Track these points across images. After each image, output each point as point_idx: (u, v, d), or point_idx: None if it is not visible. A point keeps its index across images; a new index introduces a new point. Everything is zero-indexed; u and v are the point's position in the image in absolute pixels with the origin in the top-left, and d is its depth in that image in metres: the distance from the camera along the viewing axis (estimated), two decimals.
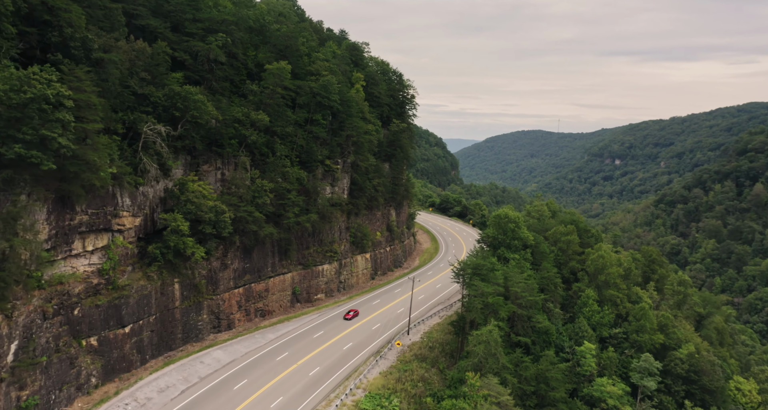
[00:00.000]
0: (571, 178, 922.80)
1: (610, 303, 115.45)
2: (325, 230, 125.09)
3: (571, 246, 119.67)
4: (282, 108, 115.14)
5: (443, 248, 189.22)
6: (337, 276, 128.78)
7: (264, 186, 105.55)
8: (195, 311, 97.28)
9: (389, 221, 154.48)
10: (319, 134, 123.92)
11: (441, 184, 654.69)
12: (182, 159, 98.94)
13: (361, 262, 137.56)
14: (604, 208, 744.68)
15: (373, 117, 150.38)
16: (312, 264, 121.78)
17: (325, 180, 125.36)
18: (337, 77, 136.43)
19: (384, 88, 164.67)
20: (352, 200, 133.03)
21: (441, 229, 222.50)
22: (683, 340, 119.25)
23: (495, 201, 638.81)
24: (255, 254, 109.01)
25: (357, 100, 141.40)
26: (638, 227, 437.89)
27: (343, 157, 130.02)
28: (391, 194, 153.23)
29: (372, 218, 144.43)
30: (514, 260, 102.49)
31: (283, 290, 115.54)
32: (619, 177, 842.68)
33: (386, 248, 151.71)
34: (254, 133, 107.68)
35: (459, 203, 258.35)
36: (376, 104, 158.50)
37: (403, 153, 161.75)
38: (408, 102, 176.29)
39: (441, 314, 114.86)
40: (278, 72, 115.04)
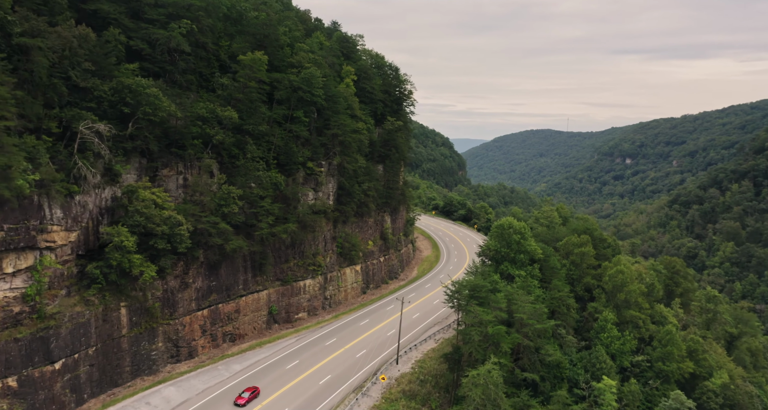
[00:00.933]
0: (581, 177, 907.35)
1: (631, 326, 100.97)
2: (307, 241, 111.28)
3: (586, 259, 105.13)
4: (255, 104, 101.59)
5: (444, 256, 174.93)
6: (322, 292, 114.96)
7: (231, 193, 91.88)
8: (147, 339, 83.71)
9: (383, 228, 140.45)
10: (300, 133, 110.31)
11: (448, 184, 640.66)
12: (135, 163, 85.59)
13: (349, 275, 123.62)
14: (615, 208, 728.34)
15: (364, 114, 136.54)
16: (292, 280, 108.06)
17: (307, 185, 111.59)
18: (323, 70, 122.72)
19: (378, 84, 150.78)
20: (339, 207, 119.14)
21: (443, 234, 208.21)
22: (715, 367, 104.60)
23: (503, 202, 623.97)
24: (223, 271, 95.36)
25: (345, 96, 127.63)
26: (652, 228, 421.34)
27: (328, 158, 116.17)
28: (385, 199, 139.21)
29: (363, 225, 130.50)
30: (519, 278, 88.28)
31: (257, 311, 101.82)
32: (630, 176, 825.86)
33: (380, 259, 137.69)
34: (221, 132, 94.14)
35: (463, 206, 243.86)
36: (369, 100, 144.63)
37: (399, 154, 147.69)
38: (405, 98, 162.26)
39: (437, 337, 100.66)
40: (252, 63, 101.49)
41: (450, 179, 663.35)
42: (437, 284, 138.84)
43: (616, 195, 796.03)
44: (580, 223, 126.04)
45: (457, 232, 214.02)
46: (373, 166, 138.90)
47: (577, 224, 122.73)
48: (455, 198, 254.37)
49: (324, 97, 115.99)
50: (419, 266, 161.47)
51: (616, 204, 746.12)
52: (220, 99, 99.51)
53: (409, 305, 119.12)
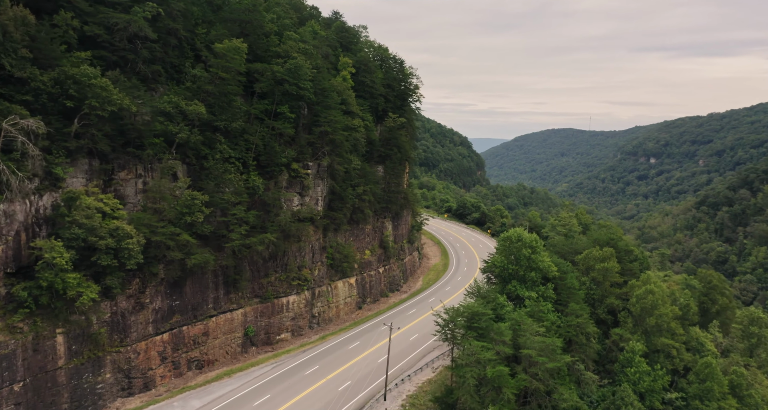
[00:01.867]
0: (603, 177, 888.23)
1: (663, 355, 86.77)
2: (291, 252, 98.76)
3: (609, 277, 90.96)
4: (229, 97, 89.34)
5: (453, 264, 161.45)
6: (309, 310, 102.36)
7: (196, 198, 79.63)
8: (92, 370, 71.80)
9: (383, 236, 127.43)
10: (284, 131, 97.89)
11: (466, 185, 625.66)
12: (83, 165, 73.91)
13: (342, 289, 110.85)
14: (639, 209, 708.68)
15: (362, 110, 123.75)
16: (272, 296, 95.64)
17: (292, 189, 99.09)
18: (314, 61, 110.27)
19: (379, 77, 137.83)
20: (330, 213, 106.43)
21: (454, 240, 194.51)
22: (763, 406, 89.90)
23: (523, 203, 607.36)
24: (188, 288, 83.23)
25: (340, 89, 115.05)
26: (678, 231, 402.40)
27: (317, 159, 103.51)
28: (384, 204, 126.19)
29: (358, 233, 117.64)
30: (529, 301, 74.74)
31: (230, 333, 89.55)
32: (654, 176, 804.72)
33: (378, 270, 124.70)
34: (185, 129, 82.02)
35: (477, 209, 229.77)
36: (369, 95, 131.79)
37: (402, 153, 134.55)
38: (410, 93, 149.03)
39: (436, 365, 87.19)
40: (227, 52, 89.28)
41: (468, 179, 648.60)
42: (444, 297, 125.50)
43: (640, 196, 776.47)
44: (602, 232, 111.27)
45: (469, 237, 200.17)
46: (372, 167, 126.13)
47: (599, 234, 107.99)
48: (469, 200, 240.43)
49: (313, 91, 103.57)
50: (425, 276, 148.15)
51: (640, 205, 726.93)
52: (190, 92, 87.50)
53: (405, 326, 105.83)
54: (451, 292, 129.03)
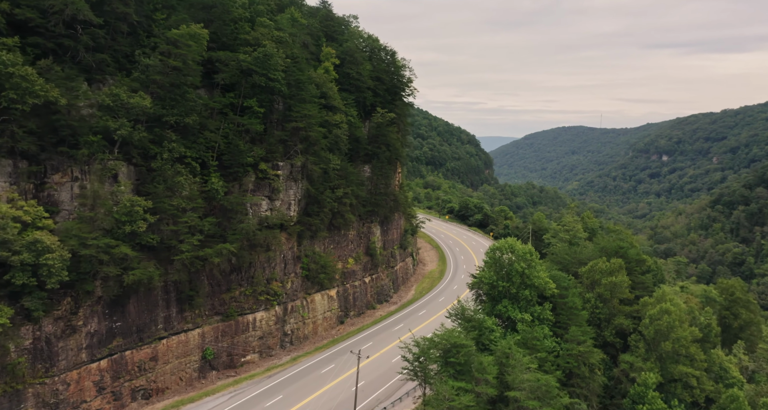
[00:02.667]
0: (614, 175, 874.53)
1: (680, 386, 75.07)
2: (259, 264, 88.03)
3: (618, 292, 79.05)
4: (182, 89, 78.67)
5: (451, 270, 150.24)
6: (280, 327, 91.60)
7: (136, 204, 69.05)
8: (9, 406, 61.41)
9: (369, 242, 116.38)
10: (251, 127, 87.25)
11: (473, 184, 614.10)
12: (4, 166, 63.74)
13: (320, 303, 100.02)
14: (651, 208, 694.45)
15: (346, 105, 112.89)
16: (236, 313, 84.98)
17: (259, 192, 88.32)
18: (290, 50, 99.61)
19: (368, 69, 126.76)
20: (305, 219, 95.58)
21: (454, 244, 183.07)
22: None
23: (532, 202, 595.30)
24: (132, 307, 72.70)
25: (318, 82, 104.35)
26: (692, 231, 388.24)
27: (289, 158, 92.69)
28: (371, 207, 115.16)
29: (340, 240, 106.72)
30: (522, 325, 63.42)
31: (184, 356, 78.97)
32: (667, 174, 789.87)
33: (364, 280, 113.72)
34: (126, 124, 71.44)
35: (480, 210, 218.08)
36: (355, 89, 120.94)
37: (392, 152, 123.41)
38: (402, 87, 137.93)
39: (418, 394, 75.89)
40: (180, 38, 78.71)
41: (476, 178, 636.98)
42: (435, 311, 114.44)
43: (652, 194, 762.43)
44: (610, 240, 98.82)
45: (470, 240, 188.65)
46: (357, 167, 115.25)
47: (607, 242, 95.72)
48: (471, 201, 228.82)
49: (286, 83, 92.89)
50: (418, 285, 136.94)
51: (653, 203, 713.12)
52: (138, 83, 76.98)
53: (387, 345, 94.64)
54: (445, 303, 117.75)
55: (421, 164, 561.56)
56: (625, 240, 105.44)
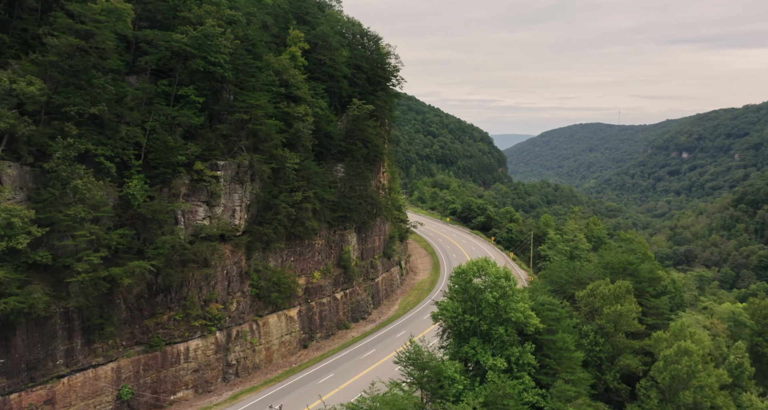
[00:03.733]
0: (633, 173, 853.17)
1: None
2: (193, 282, 73.80)
3: (624, 324, 62.87)
4: (89, 74, 64.69)
5: (443, 280, 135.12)
6: (222, 357, 77.32)
7: (15, 215, 55.16)
8: None
9: (341, 252, 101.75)
10: (184, 120, 73.22)
11: (485, 182, 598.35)
12: None
13: (276, 326, 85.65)
14: (670, 206, 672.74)
15: (314, 95, 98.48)
16: (163, 342, 70.83)
17: (195, 197, 74.11)
18: (241, 31, 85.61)
19: (344, 56, 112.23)
20: (255, 228, 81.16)
21: (452, 249, 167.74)
22: None
23: (546, 201, 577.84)
24: (19, 340, 58.83)
25: (278, 68, 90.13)
26: (714, 232, 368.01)
27: (233, 156, 78.39)
28: (343, 212, 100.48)
29: (303, 251, 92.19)
30: (493, 374, 48.03)
31: (93, 397, 64.96)
32: (686, 172, 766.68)
33: (334, 296, 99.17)
34: (9, 116, 57.78)
35: (483, 212, 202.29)
36: (328, 77, 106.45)
37: (371, 149, 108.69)
38: (386, 77, 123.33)
39: None
40: (86, 12, 64.78)
41: (488, 176, 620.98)
42: (419, 329, 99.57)
43: (672, 192, 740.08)
44: (617, 254, 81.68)
45: (469, 245, 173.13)
46: (329, 166, 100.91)
47: (613, 256, 78.21)
48: (474, 202, 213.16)
49: (232, 68, 78.84)
50: (404, 298, 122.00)
51: (672, 202, 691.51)
52: (37, 66, 63.32)
53: (351, 378, 79.81)
54: (429, 321, 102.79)
55: (431, 162, 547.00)
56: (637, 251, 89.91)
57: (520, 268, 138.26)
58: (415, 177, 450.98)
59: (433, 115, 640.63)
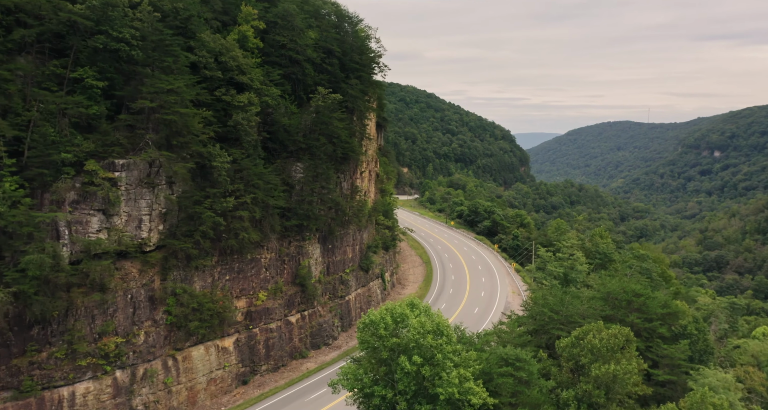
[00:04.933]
0: (662, 172, 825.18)
1: None
2: (81, 312, 58.92)
3: (619, 389, 45.53)
4: None
5: (432, 295, 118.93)
6: (125, 402, 62.31)
7: None
8: None
9: (298, 267, 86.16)
10: (73, 110, 58.54)
11: (506, 182, 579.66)
12: None
13: (202, 360, 70.46)
14: (701, 207, 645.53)
15: (267, 82, 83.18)
16: (39, 386, 56.12)
17: (86, 205, 59.28)
18: (167, 2, 70.74)
19: (311, 38, 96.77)
20: (172, 242, 66.00)
21: (450, 257, 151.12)
22: None
23: (569, 201, 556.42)
24: None
25: (214, 48, 75.17)
26: (748, 236, 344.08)
27: (136, 153, 63.34)
28: (300, 221, 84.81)
29: (243, 268, 76.75)
30: None
31: None
32: (719, 171, 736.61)
33: (288, 319, 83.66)
34: None
35: (489, 216, 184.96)
36: (288, 62, 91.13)
37: (338, 146, 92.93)
38: (366, 63, 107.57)
39: None
40: None
41: (509, 175, 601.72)
42: None
43: (703, 192, 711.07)
44: (622, 279, 64.09)
45: (470, 254, 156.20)
46: (285, 165, 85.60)
47: (616, 284, 60.02)
48: (482, 205, 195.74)
49: (137, 43, 63.88)
50: None
51: (703, 203, 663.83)
52: None
53: None
54: None
55: (449, 160, 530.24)
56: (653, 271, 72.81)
57: (523, 281, 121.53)
58: (431, 176, 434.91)
59: (452, 112, 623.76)
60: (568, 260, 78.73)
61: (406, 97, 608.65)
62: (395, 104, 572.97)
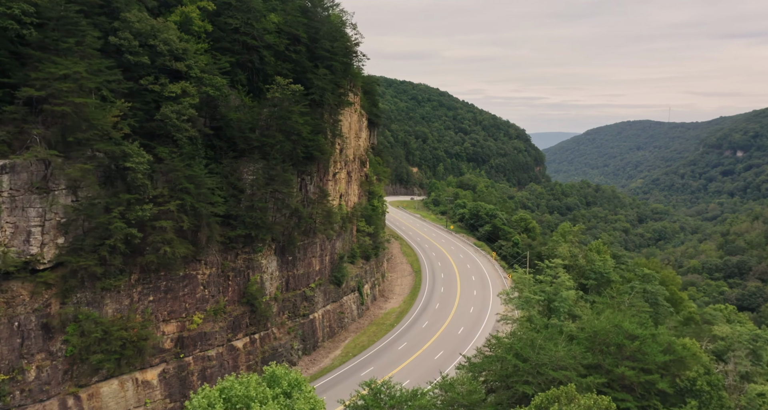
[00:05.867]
0: (682, 173, 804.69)
1: None
2: None
3: None
4: None
5: (416, 310, 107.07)
6: None
7: None
8: None
9: (246, 283, 74.82)
10: None
11: (520, 182, 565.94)
12: None
13: (116, 397, 59.30)
14: (723, 209, 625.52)
15: (205, 69, 72.04)
16: None
17: None
18: None
19: (275, 22, 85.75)
20: (72, 259, 54.87)
21: (444, 266, 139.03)
22: None
23: (585, 202, 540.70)
24: None
25: (143, 30, 64.32)
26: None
27: (17, 153, 52.39)
28: (248, 230, 73.44)
29: (173, 287, 65.58)
30: None
31: None
32: (741, 172, 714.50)
33: (233, 344, 72.40)
34: None
35: (490, 220, 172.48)
36: (243, 48, 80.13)
37: (299, 144, 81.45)
38: (336, 52, 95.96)
39: None
40: None
41: (524, 175, 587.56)
42: (351, 386, 71.82)
43: (725, 193, 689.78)
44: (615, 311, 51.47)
45: (465, 262, 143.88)
46: (235, 166, 74.46)
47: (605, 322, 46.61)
48: (484, 208, 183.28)
49: (34, 23, 53.13)
50: (356, 337, 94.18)
51: (725, 204, 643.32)
52: None
53: None
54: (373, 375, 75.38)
55: (461, 160, 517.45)
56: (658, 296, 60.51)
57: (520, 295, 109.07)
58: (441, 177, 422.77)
59: (465, 111, 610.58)
60: (552, 285, 65.84)
61: (418, 95, 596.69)
62: (407, 103, 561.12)
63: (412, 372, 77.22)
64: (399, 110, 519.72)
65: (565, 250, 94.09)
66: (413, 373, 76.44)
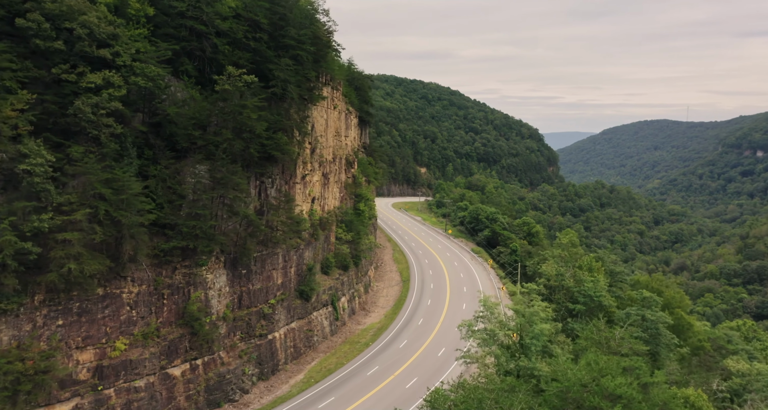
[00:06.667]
0: (701, 173, 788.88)
1: None
2: None
3: None
4: None
5: (397, 326, 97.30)
6: None
7: None
8: None
9: (186, 302, 65.55)
10: None
11: (533, 182, 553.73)
12: None
13: None
14: (742, 210, 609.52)
15: (137, 56, 62.95)
16: None
17: None
18: None
19: (231, 6, 76.48)
20: None
21: (436, 274, 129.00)
22: None
23: (599, 204, 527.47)
24: None
25: (48, 8, 55.34)
26: None
27: None
28: (187, 242, 64.03)
29: (90, 309, 56.24)
30: None
31: None
32: (762, 172, 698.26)
33: (168, 372, 63.16)
34: None
35: (489, 225, 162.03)
36: (190, 34, 71.10)
37: (253, 143, 72.03)
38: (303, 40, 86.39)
39: None
40: None
41: (536, 176, 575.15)
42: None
43: (744, 194, 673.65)
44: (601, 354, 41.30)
45: (458, 270, 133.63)
46: (177, 168, 65.33)
47: (581, 374, 36.72)
48: (484, 211, 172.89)
49: None
50: (325, 358, 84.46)
51: (744, 205, 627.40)
52: None
53: None
54: (335, 407, 65.96)
55: (471, 160, 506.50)
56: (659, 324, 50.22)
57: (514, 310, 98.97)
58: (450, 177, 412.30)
59: (477, 110, 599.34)
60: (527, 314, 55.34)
61: (428, 94, 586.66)
62: (416, 102, 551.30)
63: (377, 404, 67.49)
64: (408, 109, 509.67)
65: (551, 268, 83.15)
66: (378, 406, 66.73)
